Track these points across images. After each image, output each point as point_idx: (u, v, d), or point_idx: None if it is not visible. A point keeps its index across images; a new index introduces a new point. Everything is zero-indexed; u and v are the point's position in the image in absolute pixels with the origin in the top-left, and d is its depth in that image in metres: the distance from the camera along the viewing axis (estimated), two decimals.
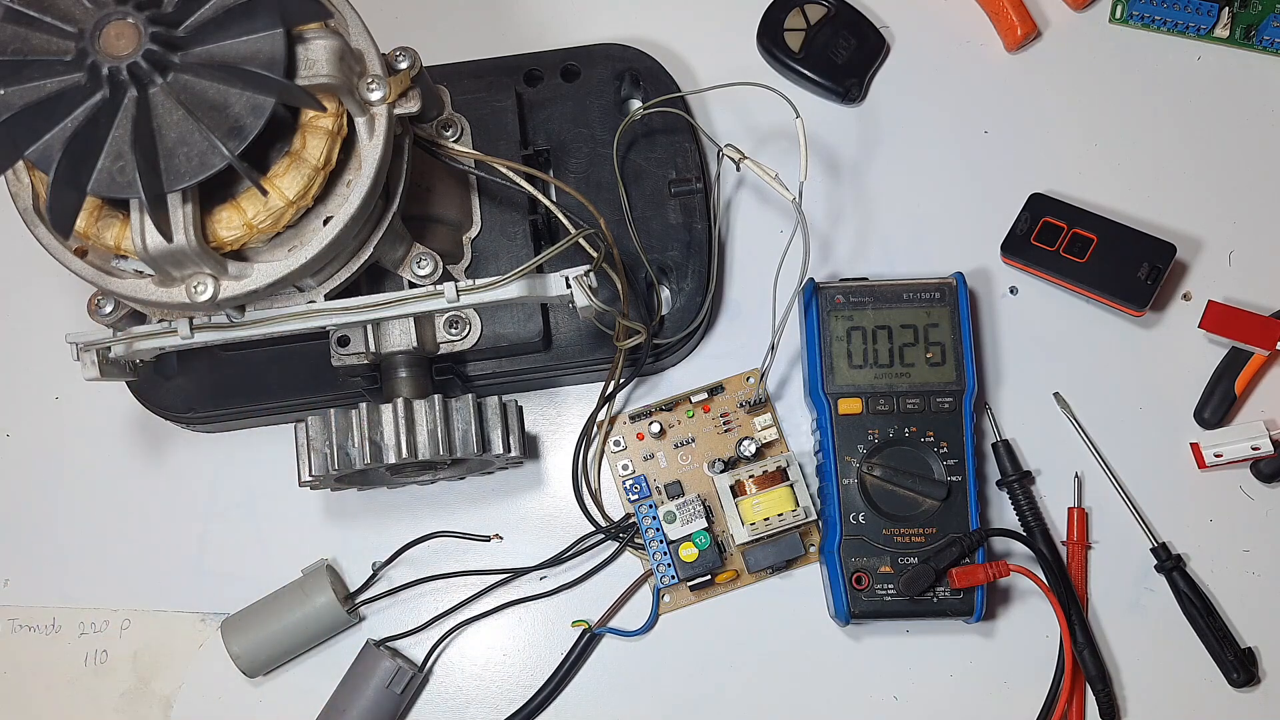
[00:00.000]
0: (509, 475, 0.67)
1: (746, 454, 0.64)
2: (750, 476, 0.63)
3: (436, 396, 0.58)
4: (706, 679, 0.65)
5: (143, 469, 0.68)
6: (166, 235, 0.46)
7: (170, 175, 0.45)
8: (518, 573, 0.65)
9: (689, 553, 0.63)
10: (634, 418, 0.66)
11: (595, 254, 0.56)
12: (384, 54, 0.52)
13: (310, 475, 0.58)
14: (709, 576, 0.64)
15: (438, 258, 0.57)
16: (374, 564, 0.65)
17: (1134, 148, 0.70)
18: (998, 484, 0.65)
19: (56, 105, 0.45)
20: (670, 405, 0.66)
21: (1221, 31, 0.70)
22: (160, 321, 0.54)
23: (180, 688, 0.66)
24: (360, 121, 0.50)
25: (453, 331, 0.61)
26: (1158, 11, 0.69)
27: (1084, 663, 0.63)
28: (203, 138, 0.44)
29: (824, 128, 0.70)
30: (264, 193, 0.47)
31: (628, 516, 0.65)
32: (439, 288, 0.55)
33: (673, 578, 0.63)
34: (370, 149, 0.50)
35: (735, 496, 0.62)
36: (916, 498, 0.61)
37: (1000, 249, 0.67)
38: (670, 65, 0.68)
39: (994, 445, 0.65)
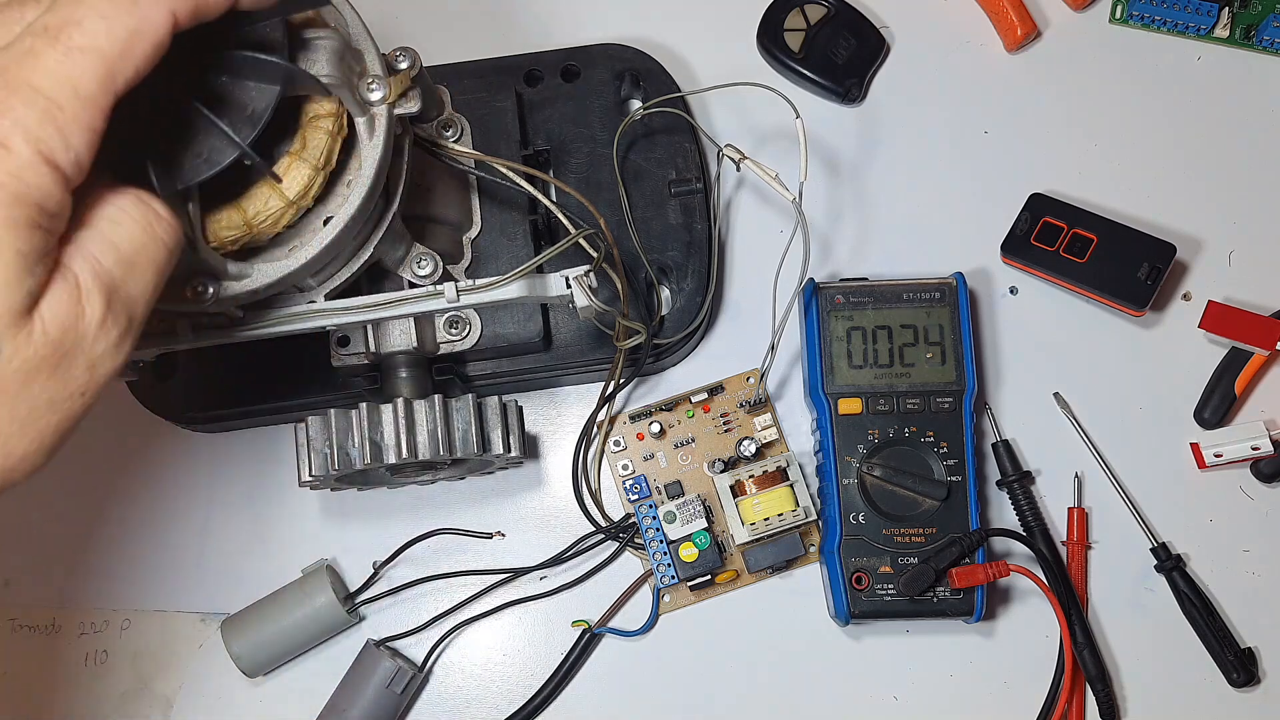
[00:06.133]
0: (509, 475, 0.67)
1: (746, 454, 0.64)
2: (750, 476, 0.63)
3: (436, 396, 0.58)
4: (706, 679, 0.65)
5: (143, 469, 0.68)
6: (186, 231, 0.46)
7: (185, 170, 0.45)
8: (518, 573, 0.65)
9: (689, 553, 0.63)
10: (634, 418, 0.66)
11: (595, 254, 0.55)
12: (384, 54, 0.52)
13: (310, 475, 0.58)
14: (709, 576, 0.64)
15: (438, 258, 0.57)
16: (374, 563, 0.65)
17: (1134, 148, 0.70)
18: (998, 484, 0.65)
19: None
20: (670, 405, 0.66)
21: (1221, 31, 0.70)
22: (160, 322, 0.54)
23: (180, 688, 0.66)
24: (360, 122, 0.50)
25: (453, 331, 0.61)
26: (1158, 11, 0.69)
27: (1084, 663, 0.63)
28: (210, 131, 0.44)
29: (824, 128, 0.70)
30: (278, 179, 0.47)
31: (628, 516, 0.65)
32: (439, 288, 0.55)
33: (673, 578, 0.63)
34: (370, 149, 0.50)
35: (735, 496, 0.62)
36: (916, 498, 0.61)
37: (1000, 249, 0.67)
38: (670, 65, 0.68)
39: (994, 445, 0.65)
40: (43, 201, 0.35)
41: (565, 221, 0.59)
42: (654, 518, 0.63)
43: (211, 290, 0.49)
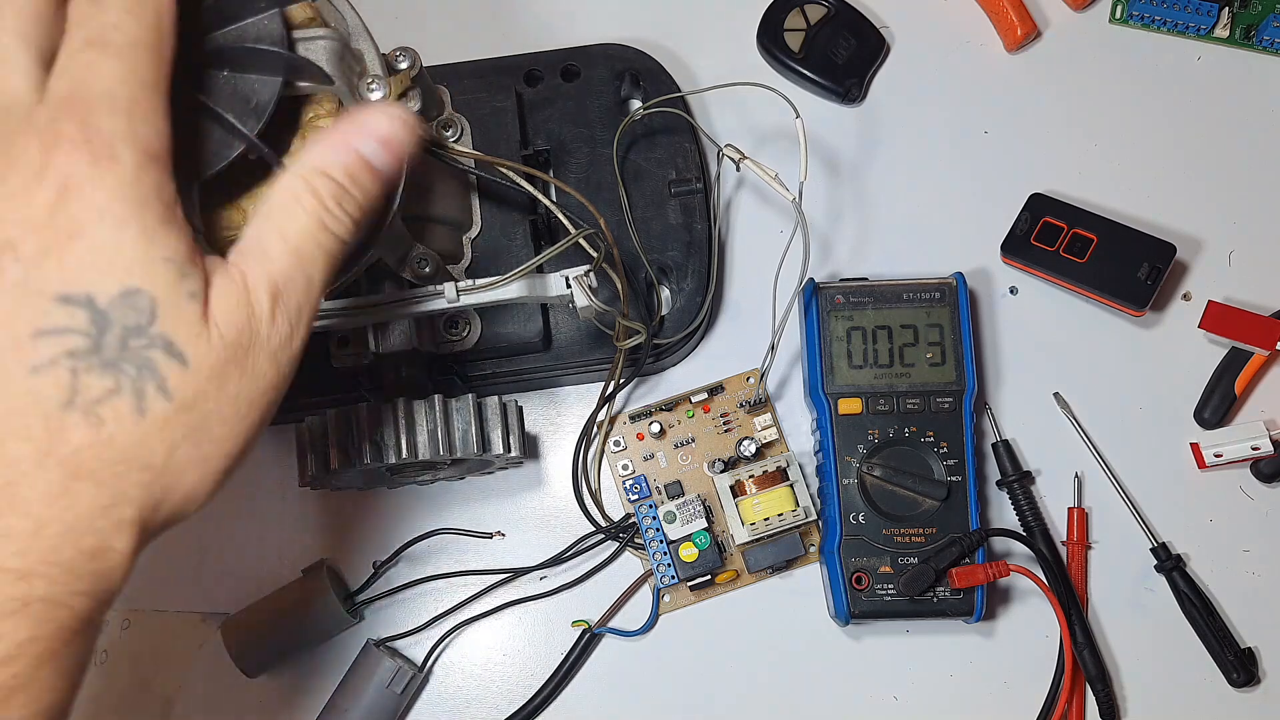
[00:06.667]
0: (509, 475, 0.67)
1: (746, 454, 0.64)
2: (750, 476, 0.63)
3: (436, 396, 0.58)
4: (706, 679, 0.65)
5: None
6: (196, 227, 0.46)
7: (192, 164, 0.45)
8: (518, 573, 0.65)
9: (689, 553, 0.63)
10: (634, 418, 0.66)
11: (595, 254, 0.56)
12: (384, 54, 0.52)
13: (310, 475, 0.58)
14: (709, 576, 0.64)
15: (438, 258, 0.57)
16: (374, 563, 0.65)
17: (1134, 148, 0.70)
18: (998, 484, 0.65)
19: None
20: (670, 405, 0.66)
21: (1221, 31, 0.70)
22: None
23: (180, 688, 0.65)
24: None
25: (453, 331, 0.61)
26: (1158, 11, 0.69)
27: (1084, 663, 0.63)
28: (215, 124, 0.44)
29: (824, 128, 0.70)
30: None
31: (628, 516, 0.65)
32: (439, 288, 0.55)
33: (673, 578, 0.63)
34: None
35: (735, 496, 0.62)
36: (916, 498, 0.62)
37: (1000, 249, 0.67)
38: (670, 65, 0.68)
39: (994, 445, 0.65)
40: (163, 196, 0.36)
41: (565, 221, 0.59)
42: (654, 518, 0.63)
43: None
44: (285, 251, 0.38)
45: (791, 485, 0.63)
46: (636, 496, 0.65)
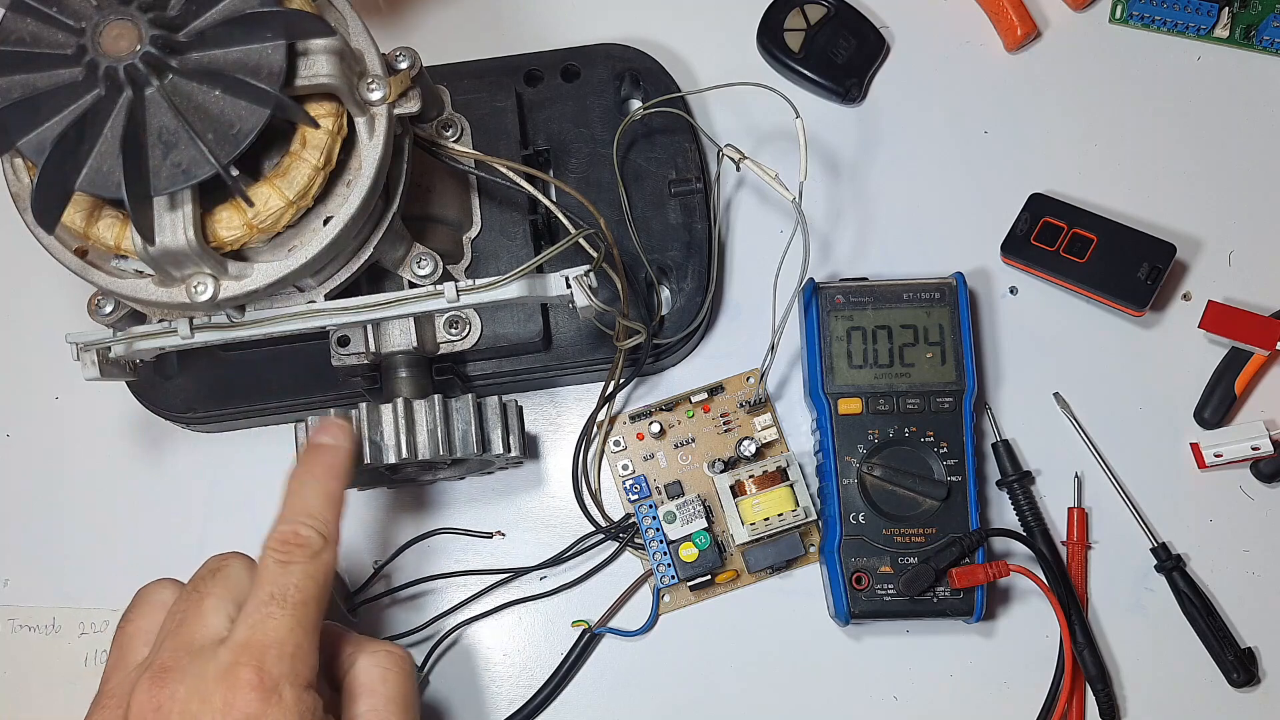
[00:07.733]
0: (509, 475, 0.67)
1: (746, 454, 0.64)
2: (750, 476, 0.63)
3: (436, 396, 0.58)
4: (706, 679, 0.65)
5: (143, 469, 0.68)
6: (147, 238, 0.45)
7: (157, 179, 0.45)
8: (518, 573, 0.65)
9: (689, 553, 0.63)
10: (634, 418, 0.66)
11: (595, 254, 0.56)
12: (384, 54, 0.52)
13: None
14: (709, 576, 0.64)
15: (438, 258, 0.57)
16: (374, 563, 0.65)
17: (1134, 148, 0.70)
18: (998, 484, 0.65)
19: (53, 99, 0.45)
20: (670, 405, 0.66)
21: (1221, 31, 0.70)
22: (160, 321, 0.54)
23: None
24: (360, 121, 0.50)
25: (453, 331, 0.61)
26: (1158, 11, 0.69)
27: (1084, 663, 0.63)
28: (192, 144, 0.44)
29: (824, 128, 0.70)
30: (249, 204, 0.47)
31: (628, 516, 0.65)
32: (439, 288, 0.55)
33: (673, 578, 0.63)
34: (370, 149, 0.50)
35: (735, 496, 0.62)
36: (916, 498, 0.61)
37: (1000, 249, 0.67)
38: (670, 65, 0.68)
39: (994, 445, 0.65)
40: (315, 713, 0.47)
41: (565, 221, 0.59)
42: (654, 518, 0.63)
43: (211, 289, 0.49)
44: None
45: (791, 485, 0.63)
46: (636, 496, 0.65)
